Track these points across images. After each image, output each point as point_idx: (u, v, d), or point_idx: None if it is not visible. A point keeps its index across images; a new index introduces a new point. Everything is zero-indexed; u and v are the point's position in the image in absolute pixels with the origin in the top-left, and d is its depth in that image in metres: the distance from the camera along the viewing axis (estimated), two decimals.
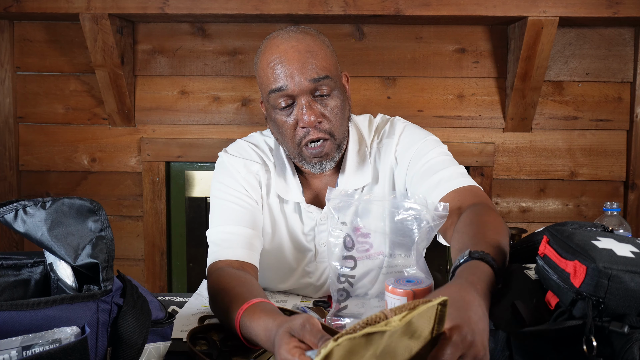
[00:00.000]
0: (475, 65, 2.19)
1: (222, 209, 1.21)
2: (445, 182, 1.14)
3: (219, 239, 1.17)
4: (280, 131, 1.18)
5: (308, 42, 1.14)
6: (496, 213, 1.03)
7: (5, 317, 0.67)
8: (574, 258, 0.70)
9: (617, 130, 2.22)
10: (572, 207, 2.26)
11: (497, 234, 0.93)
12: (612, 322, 0.65)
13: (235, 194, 1.22)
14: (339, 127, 1.18)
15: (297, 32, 1.17)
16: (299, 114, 1.14)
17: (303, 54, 1.13)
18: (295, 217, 1.27)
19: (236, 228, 1.17)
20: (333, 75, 1.16)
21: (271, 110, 1.18)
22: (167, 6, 1.97)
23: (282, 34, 1.17)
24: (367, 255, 1.12)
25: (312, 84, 1.13)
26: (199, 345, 0.96)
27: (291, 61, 1.12)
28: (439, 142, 1.25)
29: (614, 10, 1.93)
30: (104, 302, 0.73)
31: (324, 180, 1.27)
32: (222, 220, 1.20)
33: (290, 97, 1.14)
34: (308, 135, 1.15)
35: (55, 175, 2.29)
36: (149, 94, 2.24)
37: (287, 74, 1.12)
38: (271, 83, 1.14)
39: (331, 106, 1.16)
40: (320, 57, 1.14)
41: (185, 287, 2.32)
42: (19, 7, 2.00)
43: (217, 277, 1.08)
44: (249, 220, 1.20)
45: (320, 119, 1.14)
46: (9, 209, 0.77)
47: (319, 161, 1.18)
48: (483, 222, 0.97)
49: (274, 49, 1.15)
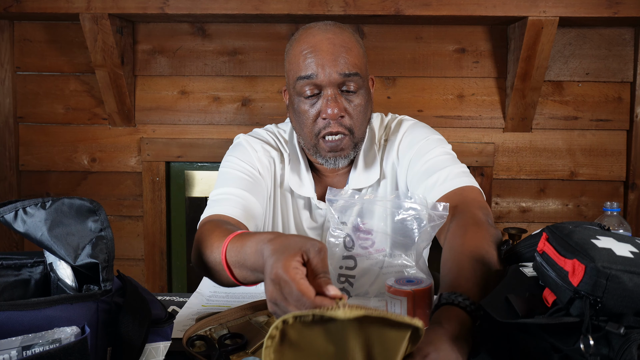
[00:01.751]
0: (475, 65, 2.19)
1: (227, 176, 1.21)
2: (439, 185, 1.14)
3: (217, 197, 1.16)
4: (300, 120, 1.19)
5: (344, 37, 1.15)
6: (482, 225, 1.00)
7: (5, 317, 0.67)
8: (573, 257, 0.70)
9: (617, 130, 2.22)
10: (572, 207, 2.26)
11: (481, 250, 0.91)
12: (609, 322, 0.65)
13: (244, 166, 1.22)
14: (359, 126, 1.18)
15: (334, 26, 1.18)
16: (323, 105, 1.15)
17: (337, 47, 1.14)
18: (305, 212, 1.27)
19: (237, 191, 1.16)
20: (362, 74, 1.16)
21: (295, 98, 1.19)
22: (167, 6, 1.97)
23: (320, 26, 1.18)
24: (367, 253, 1.12)
25: (342, 78, 1.13)
26: (197, 347, 0.96)
27: (325, 52, 1.13)
28: (441, 141, 1.25)
29: (614, 10, 1.94)
30: (104, 302, 0.73)
31: (335, 177, 1.28)
32: (225, 183, 1.19)
33: (317, 86, 1.15)
34: (328, 127, 1.16)
35: (55, 175, 2.29)
36: (149, 94, 2.24)
37: (319, 64, 1.13)
38: (301, 70, 1.15)
39: (355, 103, 1.16)
40: (353, 54, 1.15)
41: (185, 287, 2.32)
42: (19, 7, 2.00)
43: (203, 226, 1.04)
44: (251, 189, 1.19)
45: (343, 113, 1.15)
46: (9, 209, 0.77)
47: (334, 156, 1.18)
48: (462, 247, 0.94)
49: (310, 38, 1.16)
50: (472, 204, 1.08)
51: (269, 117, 2.23)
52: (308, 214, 1.27)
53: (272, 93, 2.22)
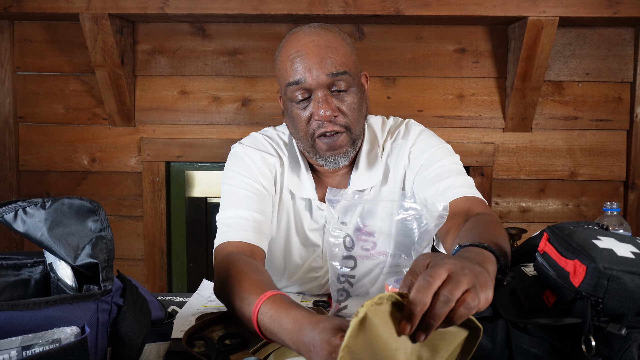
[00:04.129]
0: (475, 65, 2.19)
1: (233, 195, 1.20)
2: (454, 189, 1.15)
3: (229, 222, 1.15)
4: (295, 124, 1.19)
5: (329, 38, 1.15)
6: (501, 225, 1.03)
7: (5, 317, 0.67)
8: (574, 257, 0.70)
9: (617, 130, 2.22)
10: (572, 207, 2.26)
11: (501, 240, 0.93)
12: (610, 323, 0.65)
13: (248, 182, 1.21)
14: (355, 123, 1.18)
15: (319, 27, 1.17)
16: (314, 108, 1.14)
17: (323, 49, 1.13)
18: (306, 213, 1.27)
19: (247, 212, 1.16)
20: (352, 72, 1.16)
21: (288, 103, 1.19)
22: (167, 6, 1.97)
23: (304, 29, 1.17)
24: (368, 255, 1.12)
25: (330, 79, 1.13)
26: (197, 347, 0.96)
27: (310, 55, 1.13)
28: (452, 151, 1.26)
29: (614, 10, 1.93)
30: (104, 302, 0.73)
31: (336, 178, 1.27)
32: (233, 204, 1.18)
33: (307, 90, 1.14)
34: (322, 128, 1.15)
35: (55, 175, 2.29)
36: (149, 94, 2.24)
37: (306, 67, 1.12)
38: (289, 76, 1.15)
39: (348, 102, 1.16)
40: (339, 53, 1.14)
41: (185, 287, 2.32)
42: (19, 7, 2.00)
43: (230, 261, 1.04)
44: (259, 208, 1.19)
45: (335, 113, 1.14)
46: (9, 209, 0.77)
47: (332, 155, 1.18)
48: (487, 228, 0.97)
49: (295, 42, 1.15)
50: (487, 208, 1.11)
51: (269, 117, 2.23)
52: (309, 216, 1.27)
53: (272, 93, 2.22)
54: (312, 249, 1.29)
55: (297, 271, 1.30)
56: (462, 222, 1.06)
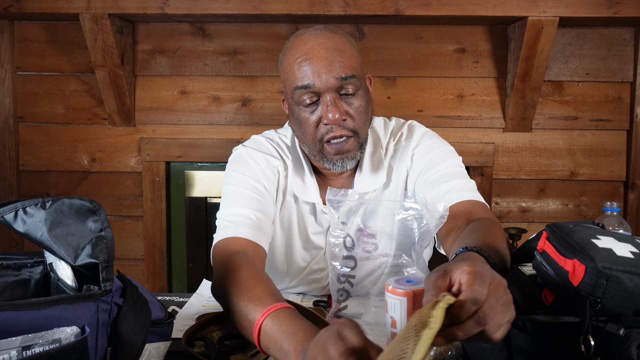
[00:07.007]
0: (475, 65, 2.19)
1: (235, 194, 1.19)
2: (456, 192, 1.14)
3: (232, 219, 1.14)
4: (302, 128, 1.17)
5: (336, 41, 1.14)
6: (502, 230, 1.03)
7: (5, 317, 0.67)
8: (574, 256, 0.70)
9: (617, 130, 2.22)
10: (572, 207, 2.26)
11: (501, 245, 0.93)
12: (609, 323, 0.65)
13: (250, 182, 1.20)
14: (362, 126, 1.17)
15: (325, 30, 1.16)
16: (323, 111, 1.13)
17: (331, 52, 1.12)
18: (310, 217, 1.26)
19: (249, 211, 1.15)
20: (359, 75, 1.15)
21: (294, 107, 1.17)
22: (167, 6, 1.97)
23: (310, 32, 1.16)
24: (369, 256, 1.12)
25: (339, 82, 1.12)
26: (197, 347, 0.96)
27: (319, 58, 1.11)
28: (454, 153, 1.25)
29: (614, 10, 1.94)
30: (104, 302, 0.73)
31: (340, 180, 1.27)
32: (234, 203, 1.17)
33: (315, 94, 1.13)
34: (331, 132, 1.14)
35: (55, 175, 2.29)
36: (149, 94, 2.24)
37: (314, 71, 1.11)
38: (297, 80, 1.13)
39: (356, 105, 1.15)
40: (347, 56, 1.13)
41: (185, 287, 2.32)
42: (19, 7, 2.00)
43: (231, 260, 1.02)
44: (261, 207, 1.18)
45: (344, 116, 1.13)
46: (9, 209, 0.77)
47: (340, 159, 1.17)
48: (488, 233, 0.97)
49: (301, 45, 1.14)
50: (489, 212, 1.10)
51: (269, 117, 2.23)
52: (313, 219, 1.26)
53: (272, 93, 2.22)
54: (314, 252, 1.28)
55: (299, 273, 1.30)
56: (462, 224, 1.06)
